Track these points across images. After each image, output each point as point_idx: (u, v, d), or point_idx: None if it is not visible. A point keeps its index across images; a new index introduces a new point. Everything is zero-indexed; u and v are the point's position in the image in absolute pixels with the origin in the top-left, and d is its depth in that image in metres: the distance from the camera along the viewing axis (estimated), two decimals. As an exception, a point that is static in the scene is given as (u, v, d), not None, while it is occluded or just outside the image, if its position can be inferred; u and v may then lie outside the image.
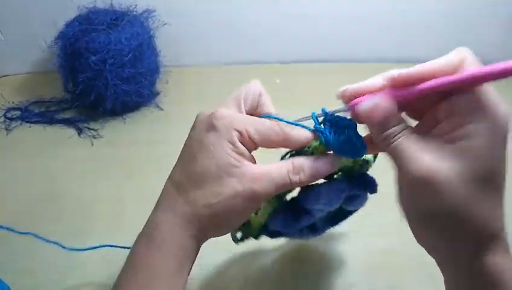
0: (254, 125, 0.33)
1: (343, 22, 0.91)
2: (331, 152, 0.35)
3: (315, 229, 0.45)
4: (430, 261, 0.34)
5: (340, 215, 0.46)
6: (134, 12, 0.81)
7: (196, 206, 0.33)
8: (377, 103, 0.30)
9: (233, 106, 0.36)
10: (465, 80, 0.29)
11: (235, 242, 0.42)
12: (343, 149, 0.34)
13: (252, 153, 0.35)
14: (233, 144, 0.32)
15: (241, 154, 0.33)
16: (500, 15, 0.90)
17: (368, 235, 0.56)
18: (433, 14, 0.90)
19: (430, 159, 0.28)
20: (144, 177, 0.65)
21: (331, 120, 0.34)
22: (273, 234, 0.43)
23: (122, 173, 0.68)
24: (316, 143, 0.35)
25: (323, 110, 0.35)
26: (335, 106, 0.35)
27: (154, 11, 0.82)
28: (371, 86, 0.32)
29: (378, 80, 0.32)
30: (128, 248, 0.35)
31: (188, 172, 0.34)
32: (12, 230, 0.48)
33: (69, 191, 0.66)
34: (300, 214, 0.39)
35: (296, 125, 0.35)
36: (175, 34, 0.87)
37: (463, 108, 0.28)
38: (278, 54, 0.95)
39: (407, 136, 0.30)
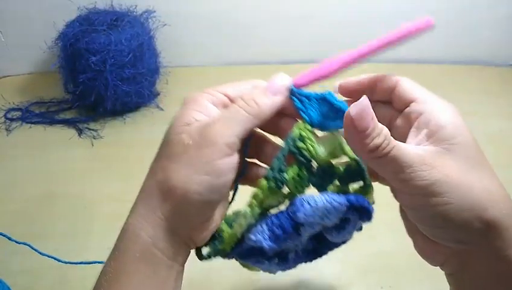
0: (228, 84, 0.33)
1: (343, 22, 0.91)
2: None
3: (285, 260, 0.36)
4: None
5: (319, 247, 0.38)
6: (135, 13, 0.81)
7: (154, 175, 0.31)
8: (366, 105, 0.26)
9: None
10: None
11: (199, 259, 0.34)
12: (326, 121, 0.32)
13: None
14: (199, 105, 0.32)
15: (209, 115, 0.31)
16: (500, 15, 0.90)
17: (364, 237, 0.56)
18: (433, 15, 0.90)
19: (429, 160, 0.27)
20: (143, 178, 0.65)
21: (306, 95, 0.33)
22: (246, 255, 0.35)
23: (122, 173, 0.68)
24: (299, 124, 0.33)
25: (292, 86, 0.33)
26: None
27: (154, 11, 0.82)
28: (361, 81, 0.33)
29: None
30: None
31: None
32: (9, 238, 0.48)
33: (69, 192, 0.66)
34: (288, 228, 0.33)
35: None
36: (175, 34, 0.88)
37: (419, 110, 0.30)
38: (278, 54, 0.95)
39: (396, 142, 0.27)
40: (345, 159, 0.33)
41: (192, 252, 0.34)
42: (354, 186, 0.34)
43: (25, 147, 0.75)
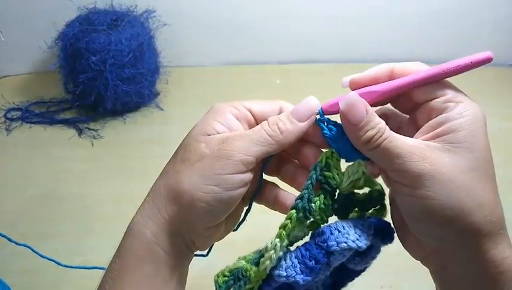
0: (255, 101, 0.33)
1: (343, 22, 0.91)
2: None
3: None
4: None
5: (339, 279, 0.38)
6: (135, 13, 0.81)
7: (166, 176, 0.32)
8: (355, 99, 0.29)
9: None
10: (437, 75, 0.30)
11: None
12: (353, 151, 0.31)
13: None
14: (222, 117, 0.32)
15: (230, 127, 0.32)
16: (500, 15, 0.90)
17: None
18: (434, 15, 0.90)
19: (420, 153, 0.28)
20: (143, 177, 0.65)
21: (334, 124, 0.32)
22: None
23: (122, 173, 0.68)
24: (327, 152, 0.32)
25: (319, 111, 0.32)
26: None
27: (154, 11, 0.82)
28: (374, 76, 0.32)
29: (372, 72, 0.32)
30: None
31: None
32: (9, 239, 0.48)
33: (69, 191, 0.66)
34: (322, 259, 0.32)
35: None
36: (175, 34, 0.88)
37: (444, 107, 0.29)
38: (278, 54, 0.95)
39: (391, 135, 0.29)
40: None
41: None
42: (370, 210, 0.35)
43: (25, 147, 0.75)
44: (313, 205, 0.32)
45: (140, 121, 0.80)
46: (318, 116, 0.32)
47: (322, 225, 0.33)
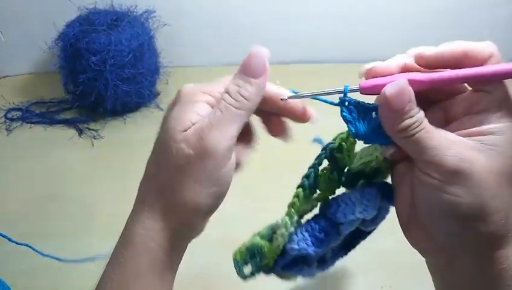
0: (224, 79, 0.32)
1: (343, 22, 0.91)
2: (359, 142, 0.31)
3: (324, 262, 0.38)
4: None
5: (352, 240, 0.39)
6: (135, 13, 0.81)
7: (155, 185, 0.31)
8: (403, 87, 0.28)
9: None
10: (496, 74, 0.28)
11: (242, 278, 0.35)
12: (373, 136, 0.30)
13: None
14: (198, 107, 0.31)
15: (202, 115, 0.31)
16: (500, 15, 0.90)
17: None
18: (434, 15, 0.90)
19: (458, 149, 0.28)
20: (144, 178, 0.65)
21: (356, 105, 0.30)
22: (290, 266, 0.35)
23: (122, 173, 0.68)
24: (342, 135, 0.32)
25: (345, 89, 0.30)
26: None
27: (154, 11, 0.82)
28: (396, 66, 0.30)
29: (399, 60, 0.30)
30: None
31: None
32: (9, 239, 0.48)
33: (69, 192, 0.66)
34: (330, 230, 0.33)
35: (321, 100, 0.31)
36: (175, 34, 0.88)
37: (486, 107, 0.28)
38: (278, 54, 0.94)
39: (428, 125, 0.28)
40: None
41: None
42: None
43: (25, 147, 0.75)
44: (319, 181, 0.32)
45: (140, 121, 0.80)
46: (341, 96, 0.31)
47: (329, 197, 0.33)
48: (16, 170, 0.70)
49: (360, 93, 0.30)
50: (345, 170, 0.34)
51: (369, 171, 0.34)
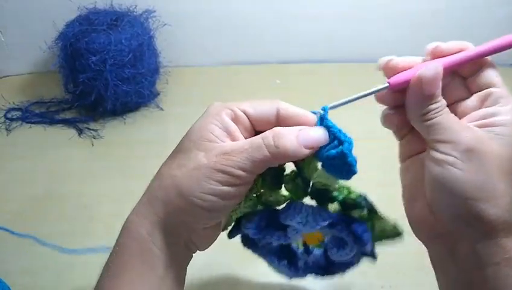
0: (250, 103, 0.32)
1: (343, 22, 0.91)
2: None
3: (295, 265, 0.41)
4: (428, 261, 0.34)
5: (327, 266, 0.42)
6: (135, 13, 0.81)
7: (161, 179, 0.32)
8: (439, 71, 0.30)
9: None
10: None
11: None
12: (333, 164, 0.30)
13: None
14: (219, 120, 0.31)
15: (227, 131, 0.31)
16: (500, 15, 0.90)
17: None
18: (433, 15, 0.90)
19: (473, 132, 0.29)
20: (143, 177, 0.65)
21: (328, 128, 0.30)
22: (245, 241, 0.40)
23: (122, 173, 0.68)
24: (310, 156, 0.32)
25: (324, 109, 0.31)
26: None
27: (154, 11, 0.82)
28: (419, 59, 0.32)
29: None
30: None
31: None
32: (11, 232, 0.48)
33: (69, 191, 0.66)
34: (274, 225, 0.36)
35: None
36: (175, 34, 0.88)
37: (496, 101, 0.31)
38: (278, 54, 0.95)
39: (447, 110, 0.30)
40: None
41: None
42: (364, 212, 0.35)
43: (25, 147, 0.75)
44: (286, 180, 0.34)
45: (140, 121, 0.80)
46: (322, 112, 0.31)
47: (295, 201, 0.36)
48: (16, 169, 0.70)
49: (389, 89, 0.32)
50: (310, 183, 0.34)
51: (338, 198, 0.34)
